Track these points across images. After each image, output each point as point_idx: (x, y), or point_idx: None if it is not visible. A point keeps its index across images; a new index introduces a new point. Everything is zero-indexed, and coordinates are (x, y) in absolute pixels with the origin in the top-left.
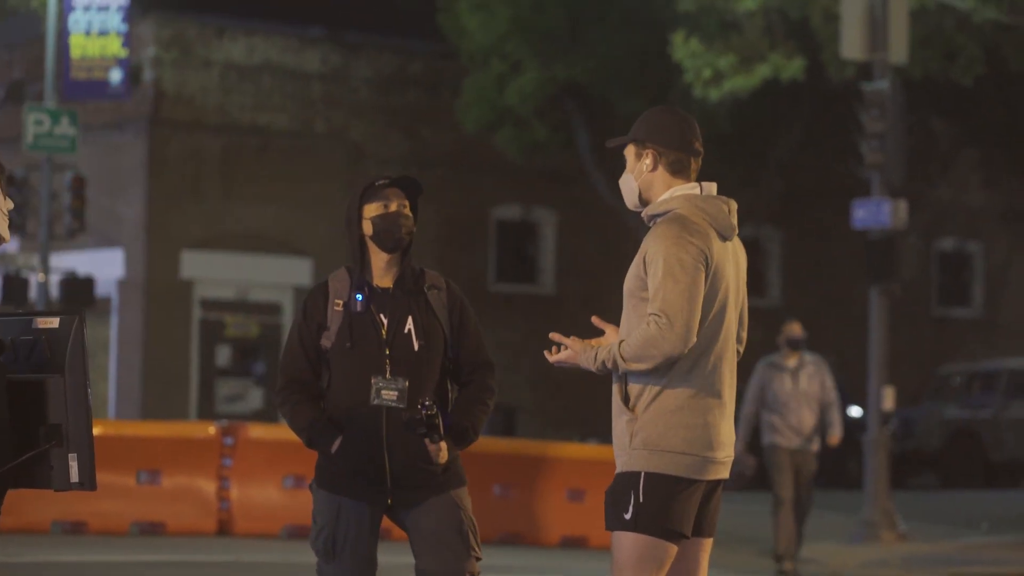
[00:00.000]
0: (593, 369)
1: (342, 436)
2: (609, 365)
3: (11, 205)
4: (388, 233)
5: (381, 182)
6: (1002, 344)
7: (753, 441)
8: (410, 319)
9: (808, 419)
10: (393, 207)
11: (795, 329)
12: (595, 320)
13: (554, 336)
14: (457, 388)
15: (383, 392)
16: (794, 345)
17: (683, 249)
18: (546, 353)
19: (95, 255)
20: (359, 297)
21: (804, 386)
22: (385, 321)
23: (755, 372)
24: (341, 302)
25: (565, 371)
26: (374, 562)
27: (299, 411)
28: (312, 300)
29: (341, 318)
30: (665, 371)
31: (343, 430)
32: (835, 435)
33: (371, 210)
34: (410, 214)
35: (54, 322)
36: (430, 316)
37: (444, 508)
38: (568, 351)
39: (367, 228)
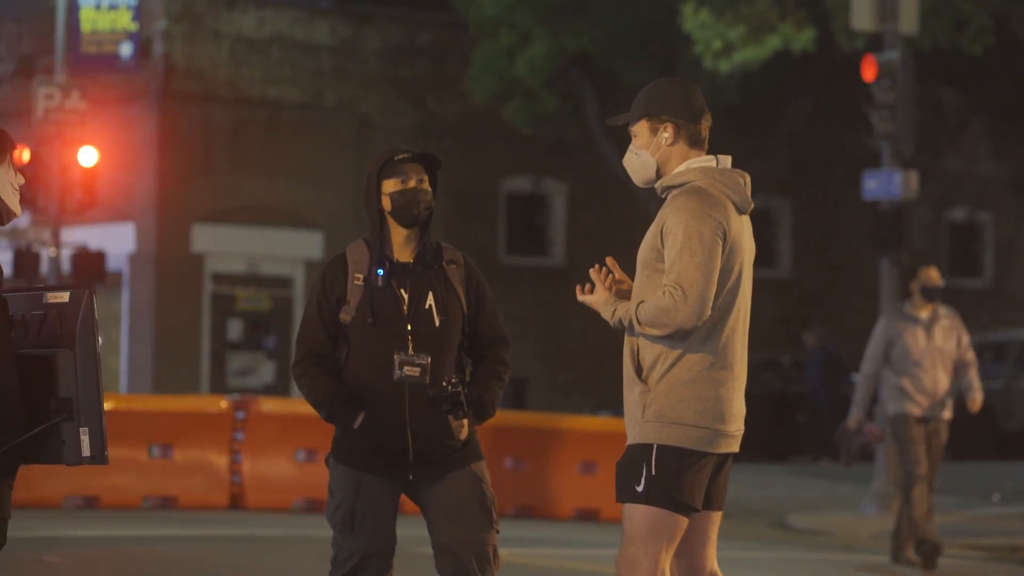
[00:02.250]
0: (610, 321)
1: (363, 412)
2: (624, 323)
3: (22, 180)
4: (406, 209)
5: (400, 157)
6: (1012, 314)
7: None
8: (431, 295)
9: (943, 381)
10: (412, 183)
11: (932, 275)
12: (609, 261)
13: (593, 273)
14: (471, 362)
15: (406, 368)
16: (930, 295)
17: (703, 222)
18: (578, 288)
19: (106, 229)
20: (380, 272)
21: (939, 342)
22: (406, 296)
23: (879, 325)
24: (361, 276)
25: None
26: (393, 538)
27: (318, 385)
28: (331, 272)
29: (362, 292)
30: (679, 343)
31: (364, 406)
32: (977, 399)
33: (389, 185)
34: (429, 189)
35: (64, 296)
36: (449, 291)
37: (466, 482)
38: (595, 296)
39: (386, 203)
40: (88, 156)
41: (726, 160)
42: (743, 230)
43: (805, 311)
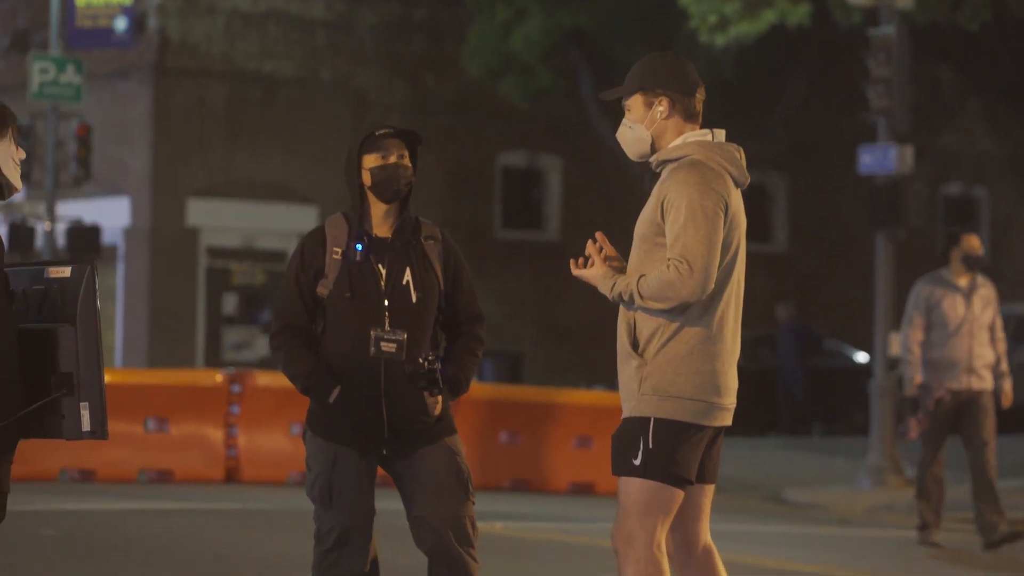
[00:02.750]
0: (609, 296)
1: (340, 387)
2: (625, 298)
3: (23, 155)
4: (387, 184)
5: (381, 132)
6: (1009, 290)
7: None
8: (408, 270)
9: (979, 352)
10: (392, 158)
11: (974, 243)
12: (599, 236)
13: (590, 247)
14: (447, 338)
15: (382, 344)
16: (971, 264)
17: (706, 196)
18: (572, 262)
19: (101, 203)
20: (359, 247)
21: (977, 312)
22: (384, 272)
23: (916, 290)
24: (340, 250)
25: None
26: (372, 509)
27: (296, 357)
28: (309, 246)
29: (340, 267)
30: (677, 316)
31: (340, 380)
32: (1007, 393)
33: (370, 160)
34: (409, 164)
35: (66, 271)
36: (427, 267)
37: (441, 455)
38: (592, 270)
39: (366, 178)
40: (83, 131)
41: (720, 134)
42: (740, 204)
43: (800, 287)
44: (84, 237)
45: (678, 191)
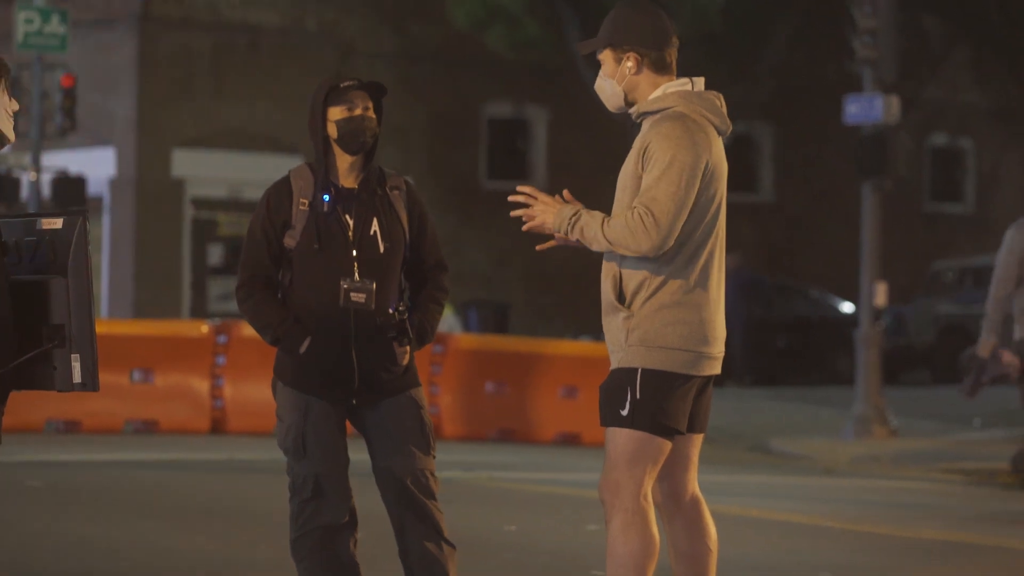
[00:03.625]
0: (570, 234)
1: (310, 337)
2: (587, 235)
3: (16, 106)
4: (352, 136)
5: (346, 84)
6: (993, 240)
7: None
8: (375, 220)
9: None
10: (358, 110)
11: None
12: (566, 194)
13: (519, 190)
14: (410, 287)
15: (352, 295)
16: None
17: (686, 152)
18: (523, 219)
19: (86, 154)
20: (326, 198)
21: None
22: (351, 222)
23: (1007, 241)
24: (306, 201)
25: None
26: (346, 457)
27: (265, 308)
28: (275, 196)
29: (307, 218)
30: (663, 267)
31: (311, 331)
32: None
33: (335, 113)
34: (374, 116)
35: (58, 223)
36: (393, 217)
37: (406, 407)
38: (542, 213)
39: (331, 131)
40: (68, 81)
41: (700, 82)
42: (722, 154)
43: (787, 236)
44: (70, 188)
45: (659, 144)
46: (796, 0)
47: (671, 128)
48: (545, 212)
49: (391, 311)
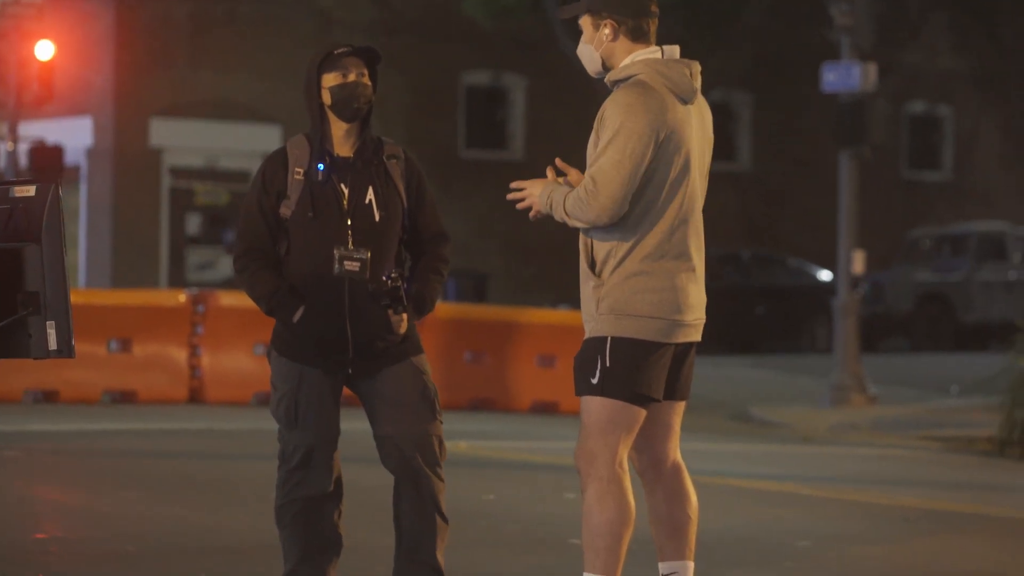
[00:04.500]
0: (542, 210)
1: (304, 306)
2: (553, 209)
3: None
4: (346, 103)
5: (340, 51)
6: (971, 208)
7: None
8: (371, 189)
9: None
10: (352, 77)
11: None
12: (558, 162)
13: (514, 185)
14: (411, 257)
15: (346, 263)
16: None
17: (634, 118)
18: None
19: (64, 123)
20: (320, 167)
21: None
22: (346, 191)
23: None
24: (302, 170)
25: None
26: (336, 429)
27: (260, 278)
28: (271, 166)
29: (302, 187)
30: (629, 235)
31: (304, 300)
32: None
33: (329, 80)
34: (369, 83)
35: (30, 190)
36: (389, 186)
37: (407, 374)
38: (531, 191)
39: (326, 98)
40: (45, 50)
41: (673, 51)
42: (689, 121)
43: (766, 205)
44: (47, 157)
45: (610, 112)
46: None
47: (624, 96)
48: (533, 193)
49: (384, 278)
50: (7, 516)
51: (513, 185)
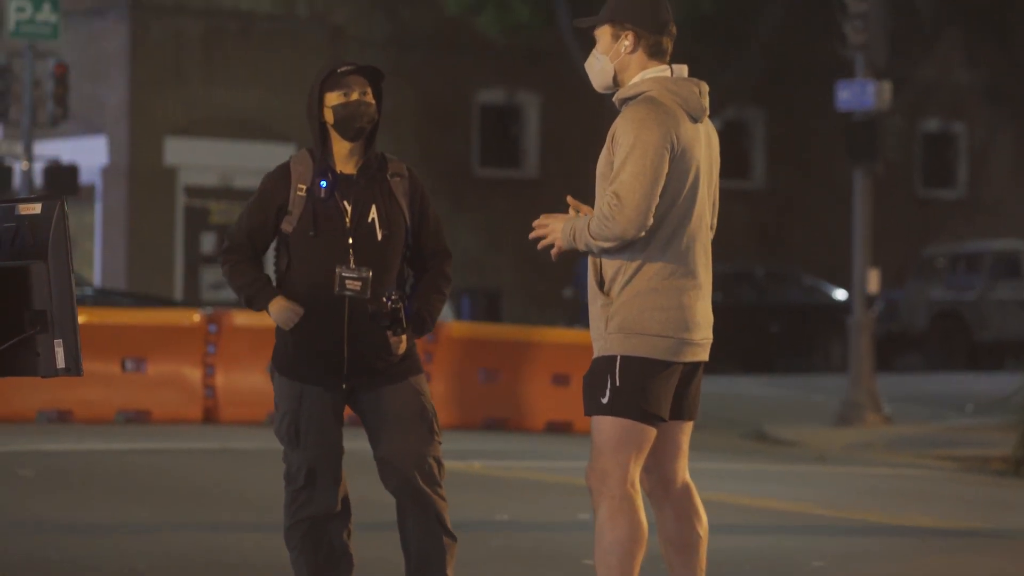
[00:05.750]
0: (564, 246)
1: (296, 314)
2: (581, 242)
3: None
4: (349, 121)
5: (343, 69)
6: (986, 225)
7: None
8: (374, 207)
9: None
10: (354, 95)
11: None
12: (570, 200)
13: (536, 224)
14: (413, 274)
15: (347, 282)
16: None
17: (648, 132)
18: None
19: (78, 142)
20: (323, 183)
21: None
22: (349, 209)
23: None
24: (304, 186)
25: (549, 255)
26: (340, 447)
27: (239, 270)
28: (273, 181)
29: (304, 203)
30: (638, 253)
31: (305, 317)
32: None
33: (332, 98)
34: (372, 102)
35: (36, 208)
36: (393, 204)
37: (405, 394)
38: (552, 227)
39: (328, 116)
40: (60, 69)
41: (682, 69)
42: (698, 138)
43: (780, 221)
44: (62, 176)
45: (624, 128)
46: None
47: (635, 111)
48: (555, 229)
49: (384, 299)
50: (19, 533)
51: (535, 224)
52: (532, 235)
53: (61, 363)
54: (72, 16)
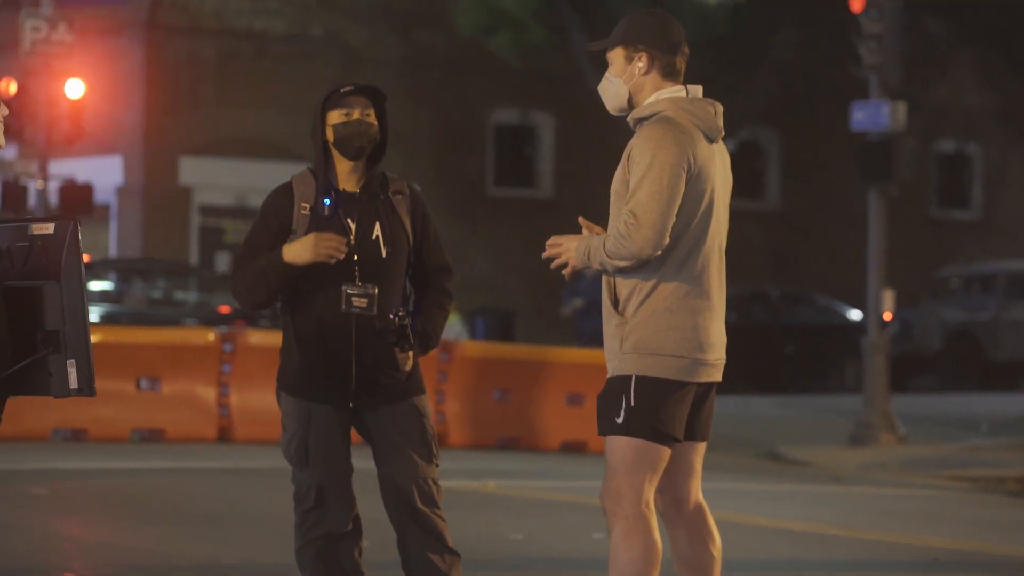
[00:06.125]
0: (578, 265)
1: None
2: (596, 262)
3: (5, 111)
4: (349, 140)
5: (345, 89)
6: (1000, 246)
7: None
8: (378, 225)
9: None
10: (355, 115)
11: None
12: (582, 221)
13: (549, 243)
14: (415, 291)
15: (353, 299)
16: None
17: (666, 151)
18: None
19: (94, 162)
20: (327, 202)
21: None
22: (353, 226)
23: None
24: (308, 205)
25: (562, 274)
26: (348, 465)
27: (246, 269)
28: (276, 201)
29: (308, 222)
30: (652, 273)
31: (311, 336)
32: None
33: (333, 117)
34: (374, 122)
35: (49, 228)
36: (396, 221)
37: (407, 415)
38: (566, 252)
39: (329, 135)
40: (75, 88)
41: (697, 90)
42: (713, 158)
43: (794, 242)
44: (77, 196)
45: (641, 147)
46: (801, 4)
47: (652, 130)
48: (569, 248)
49: (391, 316)
50: (34, 552)
51: (548, 243)
52: (545, 255)
53: (74, 383)
54: (88, 36)
